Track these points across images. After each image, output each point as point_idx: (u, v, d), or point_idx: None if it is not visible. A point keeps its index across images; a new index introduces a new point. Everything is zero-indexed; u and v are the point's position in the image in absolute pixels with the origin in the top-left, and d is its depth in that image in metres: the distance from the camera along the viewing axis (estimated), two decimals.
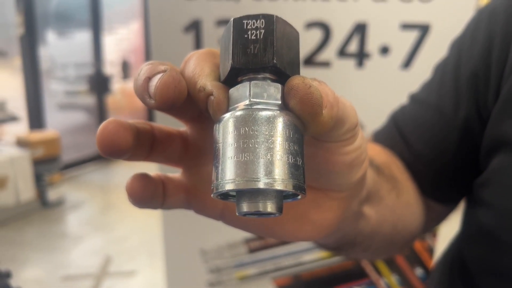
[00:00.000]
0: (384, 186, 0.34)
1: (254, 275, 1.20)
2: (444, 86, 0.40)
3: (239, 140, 0.17)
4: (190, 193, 0.23)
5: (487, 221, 0.34)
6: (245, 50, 0.18)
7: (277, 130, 0.17)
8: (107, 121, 0.19)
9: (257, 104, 0.18)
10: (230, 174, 0.17)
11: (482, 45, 0.37)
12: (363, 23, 0.99)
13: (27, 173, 2.83)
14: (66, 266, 2.26)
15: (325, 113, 0.18)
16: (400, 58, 0.99)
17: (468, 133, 0.38)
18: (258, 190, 0.17)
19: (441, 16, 0.97)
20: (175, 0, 1.03)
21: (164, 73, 0.18)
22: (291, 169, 0.17)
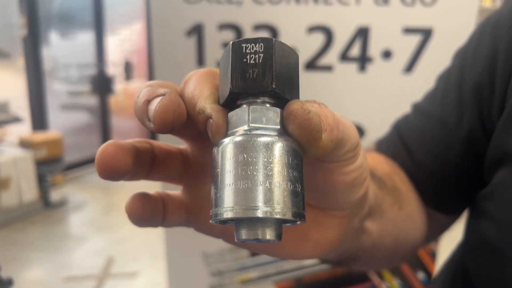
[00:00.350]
0: (386, 200, 0.34)
1: (256, 279, 1.20)
2: (447, 96, 0.40)
3: (237, 167, 0.17)
4: (190, 211, 0.24)
5: (490, 234, 0.34)
6: (244, 75, 0.18)
7: (275, 156, 0.17)
8: (106, 143, 0.19)
9: (256, 130, 0.18)
10: (229, 202, 0.17)
11: (486, 57, 0.36)
12: (365, 27, 0.98)
13: (29, 174, 2.84)
14: (69, 266, 2.27)
15: (324, 137, 0.18)
16: (403, 62, 0.99)
17: (471, 144, 0.38)
18: (257, 219, 0.17)
19: (443, 20, 0.96)
20: (177, 4, 1.03)
21: (164, 97, 0.18)
22: (290, 196, 0.17)
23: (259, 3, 1.00)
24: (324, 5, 0.99)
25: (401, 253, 0.40)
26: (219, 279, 1.23)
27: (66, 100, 4.49)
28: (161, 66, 1.07)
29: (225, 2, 1.02)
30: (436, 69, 1.03)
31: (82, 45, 4.19)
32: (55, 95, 4.31)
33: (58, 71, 4.44)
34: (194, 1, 1.02)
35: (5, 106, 2.75)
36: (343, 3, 0.98)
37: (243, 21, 1.01)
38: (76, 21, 4.32)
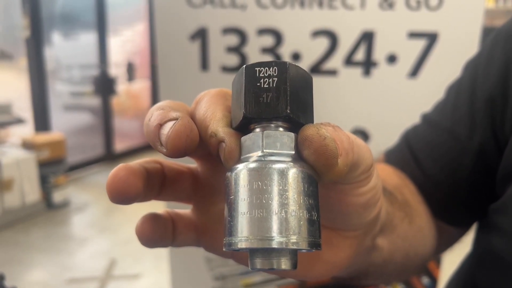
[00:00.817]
0: (397, 215, 0.34)
1: (259, 283, 1.20)
2: (459, 109, 0.39)
3: (252, 195, 0.17)
4: (200, 231, 0.23)
5: (501, 247, 0.34)
6: (257, 99, 0.17)
7: (290, 184, 0.17)
8: (117, 168, 0.19)
9: (270, 155, 0.17)
10: (244, 231, 0.17)
11: (499, 69, 0.36)
12: (370, 31, 0.98)
13: (32, 175, 2.84)
14: (71, 268, 2.27)
15: (340, 161, 0.17)
16: (408, 66, 0.99)
17: (483, 158, 0.37)
18: (272, 249, 0.17)
19: (449, 24, 0.96)
20: (181, 8, 1.03)
21: (176, 122, 0.18)
22: (306, 225, 0.17)
23: (263, 7, 1.00)
24: (328, 9, 0.98)
25: (411, 267, 0.39)
26: (222, 283, 1.23)
27: (68, 101, 4.50)
28: (165, 70, 1.07)
29: (229, 6, 1.01)
30: (442, 74, 1.03)
31: (84, 46, 4.19)
32: (58, 95, 4.32)
33: (61, 71, 4.45)
34: (198, 5, 1.02)
35: (8, 107, 2.76)
36: (348, 7, 0.97)
37: (247, 25, 1.01)
38: (79, 22, 4.33)
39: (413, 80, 0.99)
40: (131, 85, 4.61)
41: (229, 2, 1.01)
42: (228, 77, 1.03)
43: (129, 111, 4.70)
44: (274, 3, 0.99)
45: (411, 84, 0.99)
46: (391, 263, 0.34)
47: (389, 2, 0.96)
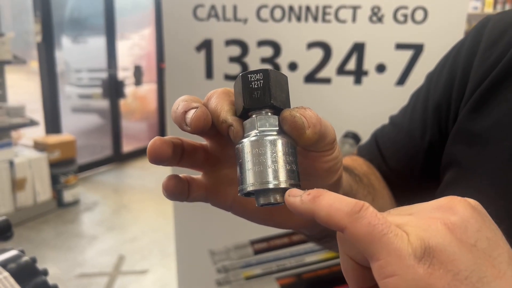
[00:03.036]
0: (360, 191, 0.42)
1: (259, 275, 1.27)
2: (415, 113, 0.48)
3: (253, 157, 0.26)
4: (208, 190, 0.32)
5: None
6: (251, 96, 0.27)
7: (278, 148, 0.26)
8: (154, 139, 0.28)
9: (263, 132, 0.26)
10: (250, 180, 0.25)
11: (445, 82, 0.45)
12: (361, 43, 1.06)
13: (44, 175, 2.94)
14: (81, 264, 2.36)
15: (309, 131, 0.26)
16: (396, 75, 1.07)
17: (432, 154, 0.46)
18: (269, 189, 0.25)
19: (434, 36, 1.04)
20: (188, 21, 1.12)
21: (197, 109, 0.27)
22: (289, 173, 0.26)
23: (263, 21, 1.08)
24: (322, 22, 1.07)
25: None
26: (225, 275, 1.30)
27: (77, 103, 4.59)
28: (173, 78, 1.16)
29: (231, 19, 1.10)
30: None
31: (93, 50, 4.29)
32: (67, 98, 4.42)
33: (70, 75, 4.55)
34: (203, 19, 1.11)
35: (22, 109, 2.85)
36: (340, 21, 1.06)
37: (248, 37, 1.10)
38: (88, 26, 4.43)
39: (401, 88, 1.07)
40: (138, 88, 4.70)
41: (232, 16, 1.10)
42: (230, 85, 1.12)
43: (136, 113, 4.79)
44: (273, 17, 1.08)
45: (398, 92, 1.07)
46: None
47: (378, 16, 1.04)
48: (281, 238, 1.24)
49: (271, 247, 1.25)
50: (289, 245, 1.24)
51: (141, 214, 3.01)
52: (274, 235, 1.24)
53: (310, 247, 1.24)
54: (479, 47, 0.42)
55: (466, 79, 0.42)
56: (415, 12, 1.02)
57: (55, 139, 3.10)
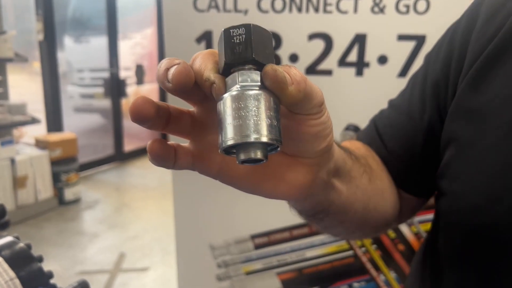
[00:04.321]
0: (356, 169, 0.41)
1: (260, 270, 1.26)
2: (414, 94, 0.47)
3: (233, 112, 0.24)
4: (195, 157, 0.31)
5: (444, 207, 0.41)
6: (233, 51, 0.25)
7: (259, 102, 0.24)
8: (137, 97, 0.27)
9: (244, 87, 0.25)
10: (230, 134, 0.24)
11: (444, 59, 0.44)
12: (362, 34, 1.05)
13: (45, 173, 2.94)
14: (82, 262, 2.36)
15: (292, 88, 0.25)
16: (398, 67, 1.06)
17: (432, 134, 0.45)
18: (250, 143, 0.24)
19: (436, 27, 1.02)
20: (188, 13, 1.11)
21: (179, 65, 0.25)
22: (270, 128, 0.24)
23: (264, 12, 1.08)
24: (324, 13, 1.06)
25: (373, 222, 0.46)
26: (225, 270, 1.29)
27: (79, 103, 4.61)
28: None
29: (232, 10, 1.10)
30: None
31: (95, 49, 4.30)
32: (69, 98, 4.43)
33: (72, 74, 4.56)
34: (203, 10, 1.10)
35: (23, 107, 2.85)
36: (342, 11, 1.05)
37: None
38: (90, 26, 4.45)
39: (403, 80, 1.06)
40: (140, 87, 4.71)
41: (232, 7, 1.09)
42: None
43: None
44: (274, 8, 1.07)
45: (400, 83, 1.05)
46: (351, 210, 0.41)
47: (380, 7, 1.03)
48: (281, 233, 1.24)
49: (271, 241, 1.25)
50: (290, 240, 1.24)
51: (142, 213, 3.01)
52: (275, 229, 1.23)
53: (311, 242, 1.23)
54: (476, 23, 0.41)
55: (464, 55, 0.41)
56: (418, 3, 1.01)
57: (57, 137, 3.10)
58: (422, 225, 1.17)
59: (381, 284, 1.22)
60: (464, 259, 0.40)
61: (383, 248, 1.20)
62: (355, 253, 1.22)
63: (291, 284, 1.25)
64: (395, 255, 1.20)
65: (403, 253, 1.19)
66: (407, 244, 1.19)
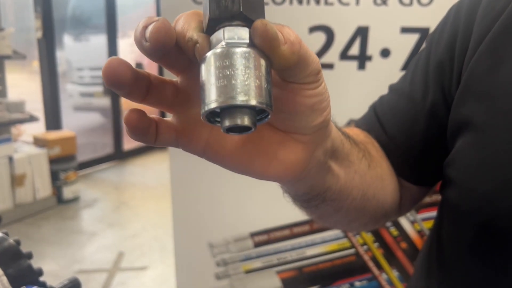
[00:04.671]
0: (355, 154, 0.38)
1: (260, 269, 1.24)
2: (416, 76, 0.44)
3: (217, 71, 0.21)
4: (179, 132, 0.28)
5: (454, 196, 0.38)
6: (218, 4, 0.22)
7: (246, 60, 0.21)
8: (111, 58, 0.24)
9: (231, 44, 0.22)
10: (213, 96, 0.21)
11: (448, 38, 0.41)
12: (364, 26, 1.03)
13: (44, 171, 2.92)
14: (80, 261, 2.34)
15: (285, 47, 0.22)
16: (401, 60, 1.03)
17: (435, 118, 0.42)
18: (236, 107, 0.21)
19: (440, 19, 1.01)
20: (186, 6, 1.09)
21: (157, 21, 0.23)
22: (260, 90, 0.21)
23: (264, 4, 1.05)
24: (325, 5, 1.04)
25: (371, 211, 0.44)
26: (224, 269, 1.27)
27: (79, 101, 4.59)
28: None
29: None
30: None
31: (94, 48, 4.29)
32: (69, 96, 4.42)
33: (72, 73, 4.55)
34: (202, 2, 1.08)
35: (21, 105, 2.84)
36: (343, 3, 1.03)
37: None
38: (89, 25, 4.43)
39: None
40: None
41: None
42: None
43: None
44: (274, 0, 1.05)
45: None
46: (349, 197, 0.39)
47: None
48: (282, 230, 1.22)
49: (271, 239, 1.23)
50: (290, 238, 1.22)
51: (141, 211, 2.99)
52: (274, 227, 1.21)
53: (311, 239, 1.21)
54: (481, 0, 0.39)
55: (469, 34, 0.39)
56: None
57: (55, 135, 3.08)
58: (425, 222, 1.15)
59: (383, 283, 1.20)
60: (473, 251, 0.37)
61: (386, 246, 1.18)
62: (356, 251, 1.19)
63: (291, 283, 1.23)
64: (398, 253, 1.17)
65: (406, 251, 1.17)
66: (410, 242, 1.17)
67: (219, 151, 0.28)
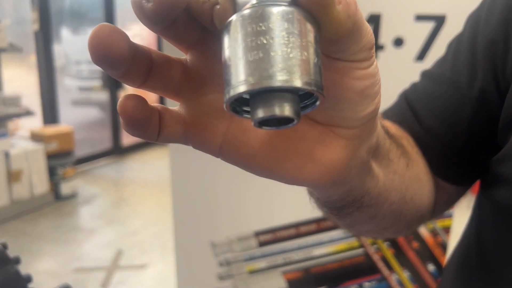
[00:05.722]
0: (393, 151, 0.32)
1: (264, 269, 1.21)
2: (459, 59, 0.38)
3: (248, 39, 0.15)
4: (188, 125, 0.22)
5: (506, 196, 0.33)
6: None
7: (288, 24, 0.15)
8: (100, 24, 0.17)
9: (265, 2, 0.16)
10: (243, 76, 0.15)
11: (500, 15, 0.35)
12: (377, 14, 0.98)
13: (41, 167, 2.88)
14: (79, 258, 2.30)
15: (340, 8, 0.16)
16: (415, 50, 0.98)
17: (484, 106, 0.36)
18: (274, 90, 0.15)
19: (456, 7, 0.95)
20: None
21: None
22: (306, 66, 0.15)
23: None
24: None
25: (408, 216, 0.38)
26: (227, 269, 1.24)
27: (77, 96, 4.55)
28: None
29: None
30: None
31: None
32: (67, 91, 4.37)
33: (69, 67, 4.50)
34: None
35: (17, 99, 2.80)
36: None
37: None
38: (87, 18, 4.38)
39: (421, 64, 0.98)
40: None
41: None
42: None
43: None
44: None
45: (418, 68, 0.98)
46: (387, 201, 0.33)
47: None
48: (287, 229, 1.18)
49: (276, 238, 1.19)
50: (296, 237, 1.18)
51: (141, 208, 2.95)
52: (280, 225, 1.18)
53: (318, 238, 1.17)
54: None
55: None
56: None
57: (52, 130, 3.04)
58: (439, 221, 1.10)
59: (394, 284, 1.16)
60: None
61: (396, 246, 1.13)
62: (365, 251, 1.15)
63: (297, 284, 1.19)
64: (409, 254, 1.13)
65: (418, 251, 1.12)
66: (422, 241, 1.12)
67: (240, 150, 0.22)
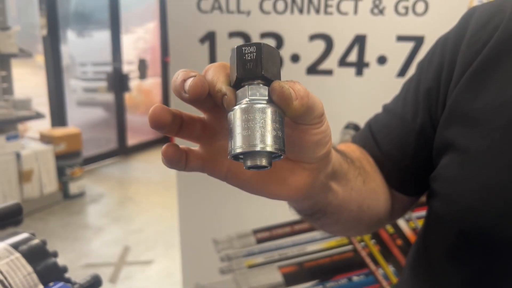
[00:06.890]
0: (352, 172, 0.44)
1: (262, 264, 1.29)
2: (407, 99, 0.50)
3: (242, 123, 0.27)
4: (205, 160, 0.33)
5: (438, 206, 0.44)
6: (244, 67, 0.28)
7: (266, 115, 0.27)
8: (155, 105, 0.29)
9: (253, 100, 0.28)
10: (239, 143, 0.27)
11: (435, 67, 0.47)
12: (362, 35, 1.07)
13: (50, 167, 2.97)
14: (87, 255, 2.40)
15: (296, 102, 0.27)
16: (397, 67, 1.08)
17: (424, 137, 0.48)
18: (256, 152, 0.27)
19: (434, 28, 1.04)
20: (192, 13, 1.13)
21: (195, 77, 0.28)
22: (275, 138, 0.27)
23: (266, 13, 1.10)
24: (324, 14, 1.08)
25: (366, 220, 0.49)
26: (228, 264, 1.32)
27: (82, 97, 4.63)
28: (177, 70, 1.17)
29: (235, 11, 1.12)
30: None
31: (98, 43, 4.31)
32: (73, 92, 4.45)
33: (75, 69, 4.58)
34: (207, 11, 1.13)
35: (28, 102, 2.88)
36: (342, 12, 1.07)
37: (251, 29, 1.11)
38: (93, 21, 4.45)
39: (402, 80, 1.08)
40: (143, 82, 4.72)
41: (235, 8, 1.11)
42: None
43: (141, 107, 4.82)
44: (276, 9, 1.10)
45: (399, 83, 1.07)
46: (347, 209, 0.44)
47: (379, 8, 1.05)
48: (283, 227, 1.26)
49: (273, 236, 1.27)
50: (291, 234, 1.26)
51: (146, 206, 3.04)
52: (276, 224, 1.26)
53: (311, 236, 1.26)
54: (466, 33, 0.44)
55: (454, 64, 0.44)
56: (416, 4, 1.04)
57: (61, 132, 3.12)
58: (420, 220, 1.20)
59: (380, 277, 1.25)
60: (455, 256, 0.42)
61: (382, 243, 1.23)
62: (354, 247, 1.25)
63: (292, 278, 1.28)
64: (394, 250, 1.22)
65: (401, 248, 1.22)
66: (405, 239, 1.22)
67: (239, 177, 0.34)
